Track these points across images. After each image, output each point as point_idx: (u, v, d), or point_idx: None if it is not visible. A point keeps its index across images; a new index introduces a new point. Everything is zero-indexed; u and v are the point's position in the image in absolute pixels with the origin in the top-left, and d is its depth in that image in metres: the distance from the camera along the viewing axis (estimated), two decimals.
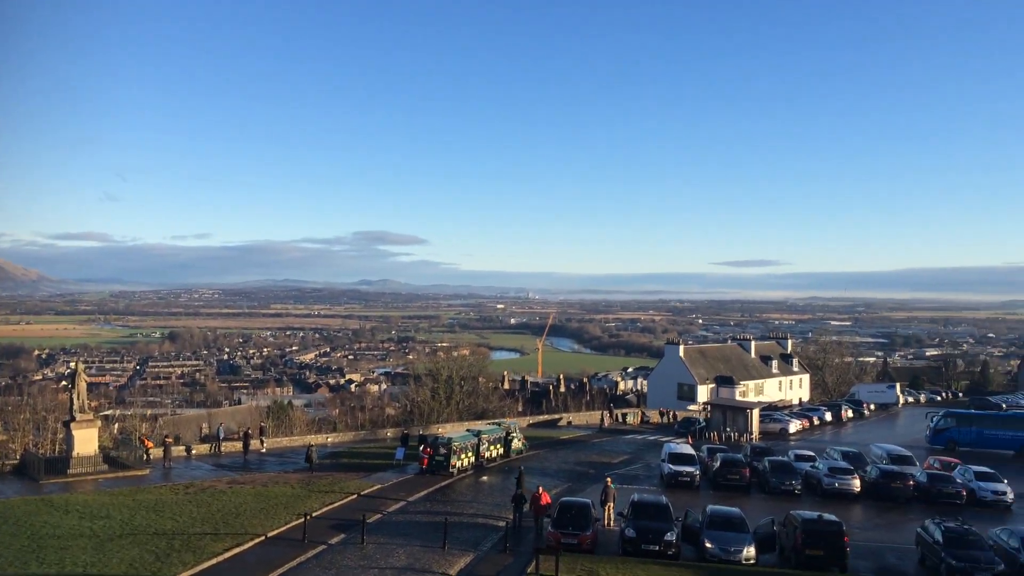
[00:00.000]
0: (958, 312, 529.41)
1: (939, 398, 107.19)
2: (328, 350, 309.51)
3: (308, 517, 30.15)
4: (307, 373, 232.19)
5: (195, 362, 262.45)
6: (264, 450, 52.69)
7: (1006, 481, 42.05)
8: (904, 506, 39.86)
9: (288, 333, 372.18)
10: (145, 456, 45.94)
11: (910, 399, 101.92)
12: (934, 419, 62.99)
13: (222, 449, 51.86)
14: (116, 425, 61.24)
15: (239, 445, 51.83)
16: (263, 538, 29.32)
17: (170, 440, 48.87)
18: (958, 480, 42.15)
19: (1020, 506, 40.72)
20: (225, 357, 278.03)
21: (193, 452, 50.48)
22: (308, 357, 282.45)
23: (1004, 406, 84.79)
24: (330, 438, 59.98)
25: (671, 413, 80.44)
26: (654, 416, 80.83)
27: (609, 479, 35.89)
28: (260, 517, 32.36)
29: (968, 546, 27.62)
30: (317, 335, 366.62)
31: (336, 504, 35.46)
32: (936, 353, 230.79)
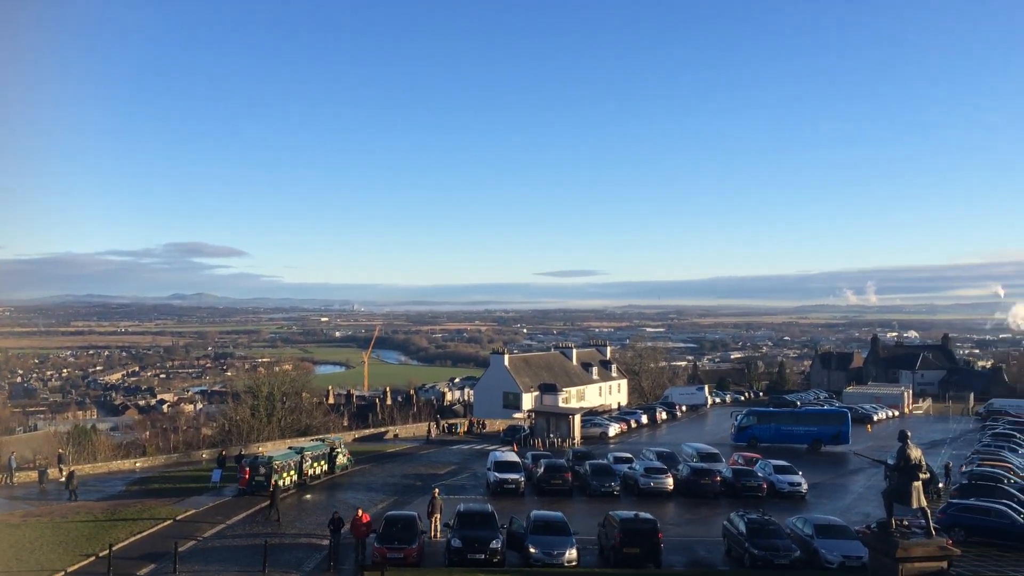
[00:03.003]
0: (758, 317, 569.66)
1: (743, 398, 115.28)
2: (137, 369, 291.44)
3: (112, 548, 28.10)
4: (113, 394, 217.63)
5: None
6: (63, 479, 48.69)
7: (801, 473, 45.70)
8: (713, 501, 42.34)
9: (91, 352, 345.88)
10: None
11: (717, 400, 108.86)
12: (738, 418, 67.52)
13: (14, 480, 47.52)
14: None
15: (34, 475, 47.66)
16: (62, 574, 27.08)
17: None
18: (759, 474, 45.32)
19: (813, 495, 44.34)
20: (19, 380, 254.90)
21: None
22: (114, 377, 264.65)
23: (799, 403, 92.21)
24: (139, 463, 56.25)
25: (478, 422, 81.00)
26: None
27: (436, 490, 35.85)
28: (59, 552, 29.84)
29: (768, 535, 29.75)
30: (124, 353, 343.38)
31: (146, 533, 33.27)
32: (740, 356, 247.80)
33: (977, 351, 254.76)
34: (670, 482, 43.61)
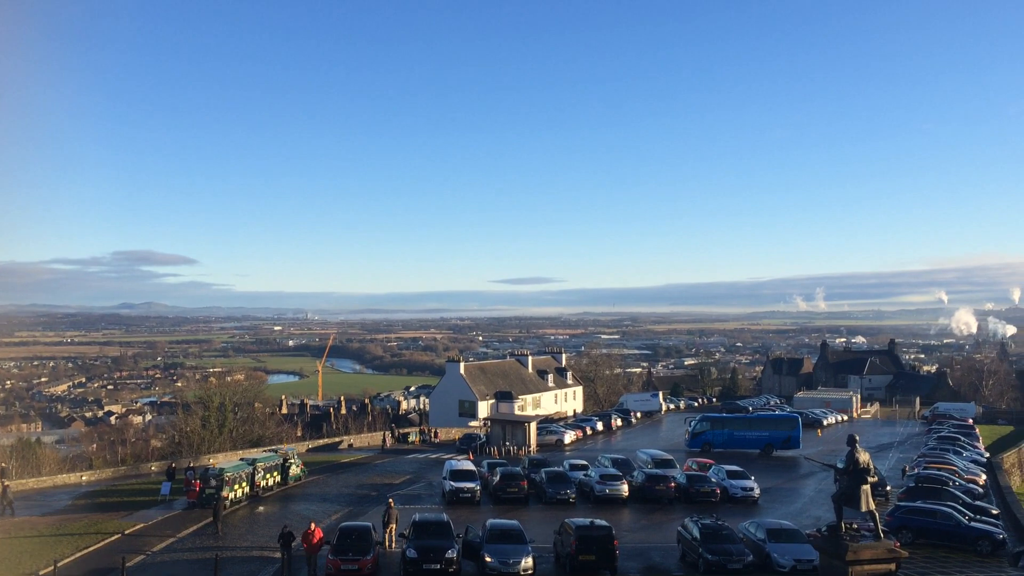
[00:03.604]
0: (711, 324, 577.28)
1: (696, 404, 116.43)
2: (84, 380, 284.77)
3: (56, 565, 27.34)
4: (59, 406, 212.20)
5: None
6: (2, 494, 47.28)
7: (753, 478, 46.30)
8: (668, 507, 42.67)
9: (36, 363, 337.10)
10: None
11: (672, 406, 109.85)
12: (692, 424, 68.19)
13: None
14: None
15: None
16: None
17: None
18: (713, 479, 45.80)
19: (766, 500, 44.95)
20: None
21: None
22: (60, 389, 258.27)
23: (751, 409, 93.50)
24: (85, 476, 54.87)
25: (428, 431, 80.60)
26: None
27: (391, 500, 35.58)
28: (2, 568, 28.94)
29: (722, 540, 30.06)
30: (71, 364, 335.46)
31: (92, 548, 32.46)
32: (693, 362, 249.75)
33: (922, 356, 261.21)
34: (625, 489, 43.81)
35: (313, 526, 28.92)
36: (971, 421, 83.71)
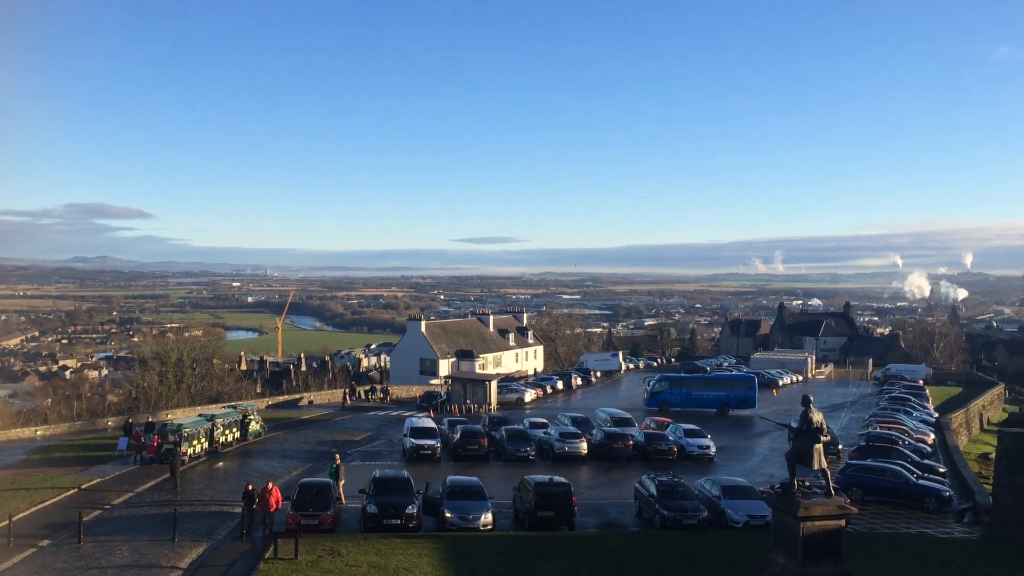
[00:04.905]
0: (671, 285, 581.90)
1: (655, 364, 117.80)
2: (37, 334, 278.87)
3: (12, 519, 27.00)
4: (12, 360, 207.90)
5: None
6: None
7: (709, 436, 47.16)
8: (625, 464, 43.32)
9: None
10: None
11: (631, 366, 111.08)
12: (650, 383, 69.06)
13: None
14: None
15: None
16: None
17: None
18: (670, 438, 46.54)
19: (721, 458, 45.84)
20: None
21: None
22: (13, 342, 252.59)
23: (708, 369, 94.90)
24: (40, 431, 54.09)
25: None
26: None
27: (337, 455, 35.84)
28: None
29: (678, 497, 30.66)
30: (23, 318, 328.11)
31: (48, 502, 32.07)
32: (653, 323, 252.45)
33: (876, 319, 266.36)
34: (584, 447, 44.34)
35: (270, 485, 28.66)
36: (921, 382, 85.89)
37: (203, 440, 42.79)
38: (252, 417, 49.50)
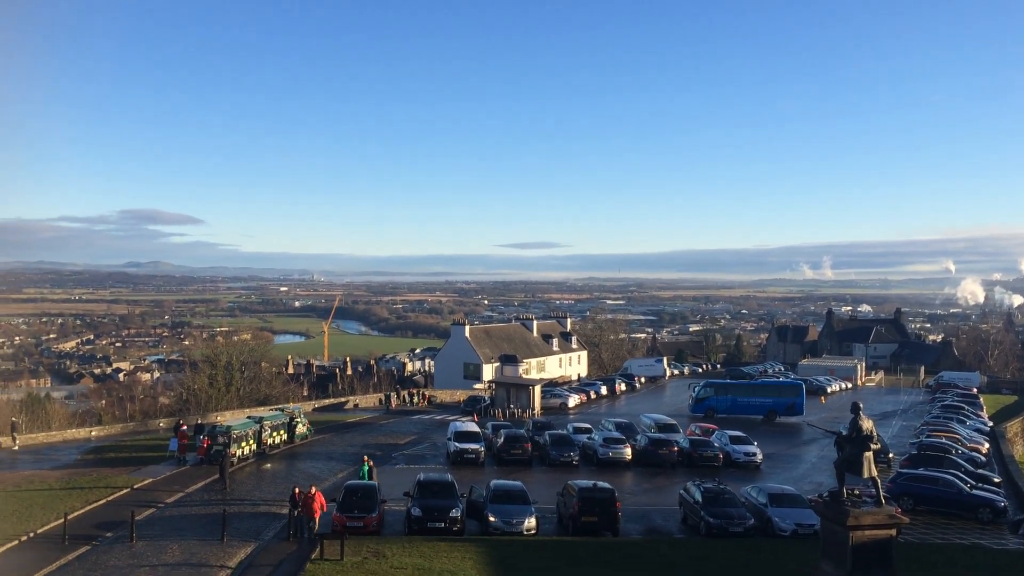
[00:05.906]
0: (717, 291, 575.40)
1: (700, 370, 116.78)
2: (92, 337, 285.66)
3: (68, 516, 27.73)
4: (68, 363, 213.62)
5: None
6: (17, 447, 47.91)
7: (756, 443, 46.54)
8: (670, 471, 42.97)
9: (44, 320, 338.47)
10: None
11: (676, 371, 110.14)
12: (695, 389, 68.43)
13: None
14: None
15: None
16: (16, 542, 26.70)
17: None
18: (716, 444, 46.06)
19: (768, 465, 45.24)
20: None
21: None
22: (69, 345, 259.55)
23: (755, 375, 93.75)
24: (94, 432, 55.45)
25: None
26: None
27: (366, 457, 36.82)
28: (12, 520, 29.35)
29: (724, 504, 30.33)
30: (79, 321, 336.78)
31: (102, 501, 32.89)
32: (698, 328, 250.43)
33: (928, 325, 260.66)
34: (628, 452, 44.10)
35: (314, 490, 28.49)
36: (975, 390, 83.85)
37: (251, 442, 43.47)
38: (299, 420, 50.13)
